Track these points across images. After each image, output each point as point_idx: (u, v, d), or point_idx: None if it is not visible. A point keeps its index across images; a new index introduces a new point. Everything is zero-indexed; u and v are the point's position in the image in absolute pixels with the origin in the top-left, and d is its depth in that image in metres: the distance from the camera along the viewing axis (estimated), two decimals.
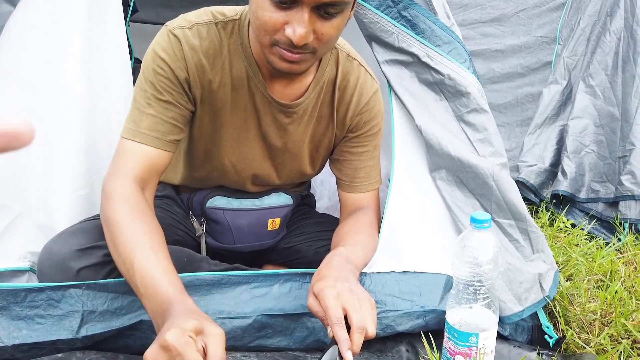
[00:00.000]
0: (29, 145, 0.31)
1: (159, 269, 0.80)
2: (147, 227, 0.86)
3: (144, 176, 0.95)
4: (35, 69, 1.11)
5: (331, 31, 0.87)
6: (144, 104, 0.96)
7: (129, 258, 0.81)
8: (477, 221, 0.90)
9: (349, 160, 1.17)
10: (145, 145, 0.95)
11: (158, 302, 0.77)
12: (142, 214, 0.88)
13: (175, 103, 0.98)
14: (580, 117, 1.97)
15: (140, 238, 0.84)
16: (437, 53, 1.15)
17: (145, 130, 0.95)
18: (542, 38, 2.40)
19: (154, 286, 0.78)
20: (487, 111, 1.14)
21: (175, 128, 0.99)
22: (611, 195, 1.79)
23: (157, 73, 0.96)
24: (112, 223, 0.86)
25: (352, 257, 0.97)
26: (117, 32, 1.27)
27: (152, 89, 0.96)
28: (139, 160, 0.94)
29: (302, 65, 0.91)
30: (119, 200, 0.88)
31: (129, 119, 0.98)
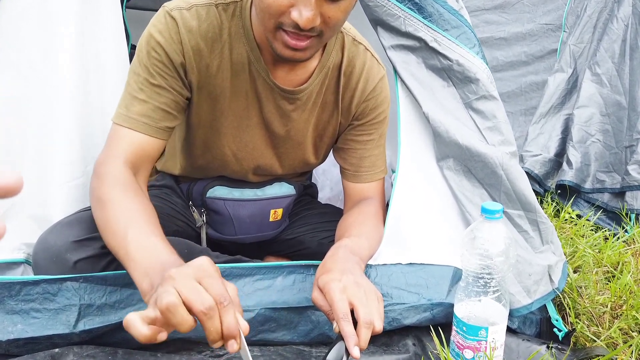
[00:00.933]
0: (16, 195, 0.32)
1: (157, 238, 0.77)
2: (140, 205, 0.83)
3: (136, 161, 0.91)
4: (28, 56, 1.07)
5: (339, 14, 0.84)
6: (136, 88, 0.93)
7: (122, 230, 0.77)
8: (489, 211, 0.87)
9: (354, 149, 1.13)
10: (135, 132, 0.92)
11: (156, 260, 0.72)
12: (134, 194, 0.85)
13: (169, 88, 0.94)
14: (586, 106, 1.94)
15: (135, 214, 0.81)
16: (445, 38, 1.11)
17: (136, 115, 0.92)
18: (547, 25, 2.35)
19: (150, 251, 0.74)
20: (496, 98, 1.11)
21: (167, 115, 0.95)
22: (617, 185, 1.77)
23: (151, 56, 0.92)
24: (105, 202, 0.83)
25: (357, 249, 0.94)
26: (113, 17, 1.23)
27: (145, 73, 0.92)
28: (129, 146, 0.91)
29: (307, 52, 0.87)
30: (111, 181, 0.85)
31: (121, 103, 0.94)
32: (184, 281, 0.62)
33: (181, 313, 0.60)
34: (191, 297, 0.61)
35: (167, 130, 0.96)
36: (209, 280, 0.63)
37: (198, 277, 0.63)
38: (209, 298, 0.61)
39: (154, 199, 1.13)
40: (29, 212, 1.03)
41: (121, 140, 0.91)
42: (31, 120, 1.08)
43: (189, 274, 0.63)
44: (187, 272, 0.64)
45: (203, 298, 0.61)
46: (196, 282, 0.63)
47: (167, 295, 0.60)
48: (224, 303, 0.62)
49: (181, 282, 0.62)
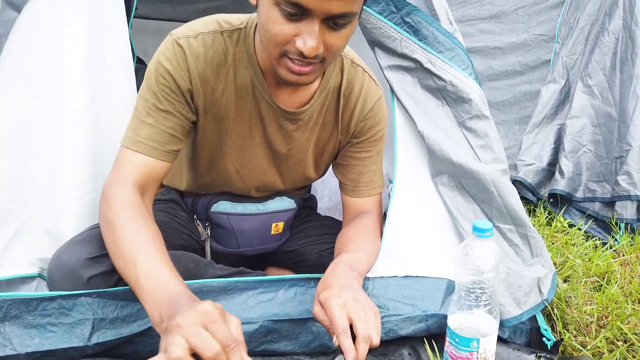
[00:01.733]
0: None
1: (165, 267, 0.81)
2: (148, 230, 0.87)
3: (143, 183, 0.96)
4: (39, 73, 1.11)
5: (340, 42, 0.88)
6: (144, 113, 0.97)
7: (131, 256, 0.82)
8: (480, 230, 0.91)
9: (352, 165, 1.18)
10: (142, 155, 0.97)
11: (164, 293, 0.76)
12: (142, 217, 0.89)
13: (176, 113, 0.99)
14: (578, 117, 1.99)
15: (143, 239, 0.85)
16: (439, 59, 1.16)
17: (144, 139, 0.97)
18: (541, 36, 2.41)
19: (159, 280, 0.78)
20: (488, 117, 1.16)
21: (173, 138, 1.00)
22: (608, 195, 1.82)
23: (159, 82, 0.97)
24: (114, 225, 0.87)
25: (355, 264, 0.99)
26: (120, 34, 1.27)
27: (153, 99, 0.97)
28: (137, 168, 0.96)
29: (310, 76, 0.91)
30: (120, 204, 0.90)
31: (130, 127, 0.99)
32: (191, 329, 0.66)
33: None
34: (199, 344, 0.64)
35: (173, 153, 1.00)
36: (214, 325, 0.66)
37: (204, 323, 0.67)
38: (215, 344, 0.65)
39: (160, 213, 1.18)
40: (42, 228, 1.07)
41: (129, 164, 0.96)
42: (42, 135, 1.11)
43: (195, 321, 0.66)
44: (193, 319, 0.67)
45: (210, 345, 0.64)
46: (202, 328, 0.66)
47: (175, 349, 0.64)
48: (231, 346, 0.65)
49: (188, 330, 0.66)
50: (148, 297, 0.77)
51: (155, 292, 0.77)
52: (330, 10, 0.80)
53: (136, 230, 0.86)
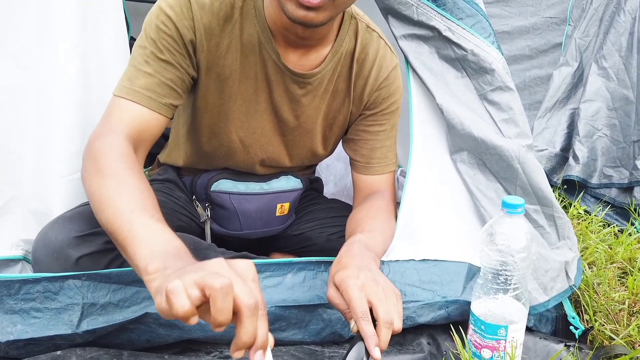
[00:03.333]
0: None
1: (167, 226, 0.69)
2: (143, 186, 0.75)
3: (136, 137, 0.86)
4: (27, 45, 1.03)
5: None
6: (142, 61, 0.89)
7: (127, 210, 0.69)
8: (510, 206, 0.83)
9: (365, 140, 1.10)
10: (139, 105, 0.87)
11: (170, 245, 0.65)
12: (138, 172, 0.77)
13: (176, 64, 0.91)
14: (592, 100, 1.92)
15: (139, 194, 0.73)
16: (459, 27, 1.08)
17: (140, 89, 0.88)
18: (552, 19, 2.33)
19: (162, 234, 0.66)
20: (512, 89, 1.07)
21: (172, 92, 0.91)
22: (625, 180, 1.75)
23: (160, 30, 0.88)
24: (106, 175, 0.74)
25: (371, 244, 0.91)
26: (114, 6, 1.19)
27: (152, 46, 0.89)
28: (132, 119, 0.86)
29: (320, 13, 0.82)
30: (112, 155, 0.78)
31: (124, 76, 0.90)
32: (233, 276, 0.56)
33: (230, 299, 0.53)
34: (241, 288, 0.54)
35: (171, 107, 0.92)
36: (253, 284, 0.58)
37: (244, 277, 0.57)
38: (257, 296, 0.55)
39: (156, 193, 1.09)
40: (27, 207, 0.99)
41: (123, 114, 0.86)
42: (29, 111, 1.03)
43: (236, 272, 0.57)
44: (235, 269, 0.58)
45: (252, 294, 0.55)
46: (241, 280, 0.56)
47: (220, 278, 0.53)
48: (264, 310, 0.57)
49: (229, 274, 0.56)
50: (144, 245, 0.64)
51: (157, 244, 0.64)
52: None
53: (132, 183, 0.74)
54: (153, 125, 0.89)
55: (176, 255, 0.63)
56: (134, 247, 0.65)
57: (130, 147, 0.81)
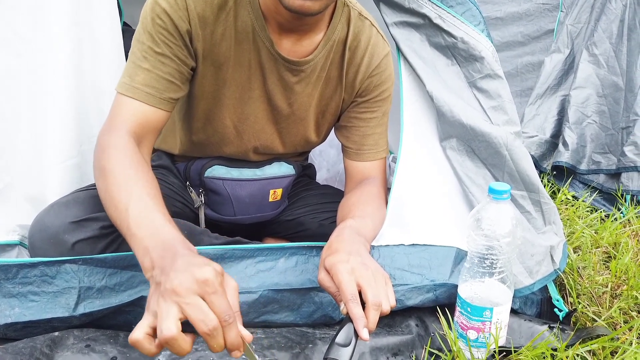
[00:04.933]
0: None
1: (158, 213, 0.75)
2: (143, 176, 0.81)
3: (140, 132, 0.90)
4: (21, 32, 1.03)
5: None
6: (140, 56, 0.91)
7: (123, 202, 0.75)
8: (496, 192, 0.86)
9: (357, 127, 1.11)
10: (139, 102, 0.90)
11: (157, 238, 0.71)
12: (138, 163, 0.82)
13: (173, 57, 0.92)
14: (582, 87, 1.93)
15: (136, 185, 0.78)
16: (449, 14, 1.09)
17: (140, 85, 0.90)
18: (544, 5, 2.33)
19: (152, 225, 0.72)
20: (501, 77, 1.09)
21: (172, 85, 0.93)
22: (613, 166, 1.77)
23: (156, 23, 0.89)
24: (106, 171, 0.80)
25: (362, 230, 0.93)
26: None
27: (149, 41, 0.90)
28: (133, 116, 0.89)
29: (316, 2, 0.84)
30: (113, 151, 0.83)
31: (125, 72, 0.92)
32: (188, 298, 0.61)
33: (180, 344, 0.61)
34: (195, 317, 0.60)
35: (172, 101, 0.94)
36: (213, 296, 0.62)
37: (202, 292, 0.62)
38: (213, 318, 0.61)
39: None
40: (23, 193, 1.00)
41: (125, 111, 0.89)
42: (24, 97, 1.04)
43: (193, 290, 0.61)
44: (191, 286, 0.62)
45: (207, 318, 0.60)
46: (200, 298, 0.61)
47: (166, 325, 0.60)
48: (228, 320, 0.61)
49: (185, 299, 0.61)
50: (139, 241, 0.70)
51: (146, 237, 0.70)
52: None
53: (129, 175, 0.79)
54: (155, 120, 0.91)
55: (162, 249, 0.68)
56: (131, 244, 0.72)
57: (132, 143, 0.85)
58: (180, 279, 0.62)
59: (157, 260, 0.67)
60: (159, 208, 0.75)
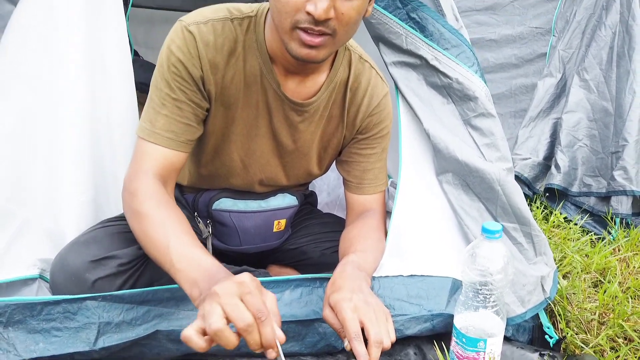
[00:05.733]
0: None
1: (198, 248, 0.84)
2: (175, 216, 0.90)
3: (163, 174, 0.98)
4: (37, 69, 1.08)
5: (352, 12, 0.87)
6: (159, 103, 0.98)
7: (164, 242, 0.84)
8: (489, 231, 0.91)
9: (357, 162, 1.17)
10: (160, 147, 0.98)
11: (202, 269, 0.80)
12: (167, 204, 0.91)
13: (189, 102, 0.99)
14: (574, 111, 2.00)
15: (172, 224, 0.88)
16: (445, 56, 1.15)
17: (160, 130, 0.97)
18: (537, 29, 2.40)
19: (194, 260, 0.82)
20: (494, 116, 1.15)
21: (189, 128, 1.00)
22: (603, 189, 1.83)
23: (172, 71, 0.96)
24: (141, 215, 0.89)
25: (363, 264, 0.99)
26: (118, 27, 1.23)
27: (166, 88, 0.97)
28: (156, 160, 0.97)
29: (321, 51, 0.90)
30: (144, 195, 0.91)
31: (145, 117, 0.99)
32: (227, 299, 0.70)
33: (227, 336, 0.68)
34: (233, 314, 0.69)
35: (190, 142, 1.01)
36: (248, 296, 0.71)
37: (240, 293, 0.71)
38: (248, 315, 0.69)
39: None
40: (42, 228, 1.05)
41: (148, 156, 0.97)
42: (41, 133, 1.09)
43: (231, 291, 0.71)
44: (230, 288, 0.71)
45: (244, 315, 0.69)
46: (238, 298, 0.70)
47: (215, 320, 0.68)
48: (262, 318, 0.69)
49: (224, 299, 0.70)
50: (184, 275, 0.80)
51: (192, 271, 0.80)
52: None
53: (164, 216, 0.88)
54: (176, 161, 0.99)
55: (209, 278, 0.78)
56: (177, 278, 0.81)
57: (158, 184, 0.93)
58: (221, 284, 0.72)
59: (204, 288, 0.76)
60: (196, 243, 0.85)
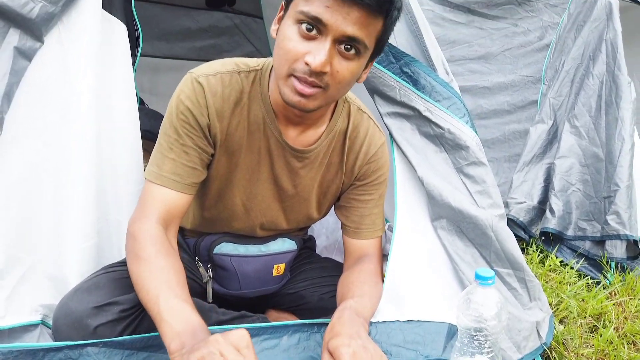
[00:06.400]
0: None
1: (187, 303, 0.87)
2: (172, 266, 0.92)
3: (167, 217, 1.01)
4: (49, 121, 1.13)
5: (346, 72, 0.93)
6: (167, 147, 1.03)
7: (155, 290, 0.87)
8: (482, 278, 0.94)
9: (355, 207, 1.21)
10: (166, 189, 1.02)
11: (187, 324, 0.82)
12: (166, 253, 0.94)
13: (196, 147, 1.04)
14: (566, 157, 2.05)
15: (167, 274, 0.90)
16: (437, 108, 1.21)
17: (167, 173, 1.02)
18: (528, 77, 2.49)
19: (182, 313, 0.84)
20: (485, 164, 1.20)
21: (195, 171, 1.05)
22: (597, 234, 1.86)
23: (180, 119, 1.02)
24: (140, 259, 0.92)
25: (360, 310, 1.01)
26: (126, 80, 1.29)
27: (175, 134, 1.02)
28: (161, 202, 1.01)
29: (311, 101, 0.95)
30: (146, 240, 0.95)
31: (153, 161, 1.04)
32: (228, 347, 0.73)
33: None
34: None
35: (194, 185, 1.06)
36: (246, 350, 0.75)
37: (238, 346, 0.74)
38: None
39: None
40: (45, 273, 1.07)
41: (154, 198, 1.01)
42: (50, 183, 1.12)
43: (231, 342, 0.74)
44: (230, 339, 0.75)
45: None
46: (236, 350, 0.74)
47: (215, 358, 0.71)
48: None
49: (225, 347, 0.73)
50: (169, 328, 0.81)
51: (177, 324, 0.82)
52: (344, 30, 0.88)
53: (161, 265, 0.91)
54: (180, 204, 1.03)
55: (192, 334, 0.79)
56: (161, 328, 0.82)
57: (161, 229, 0.97)
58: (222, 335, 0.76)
59: (187, 342, 0.79)
60: (187, 297, 0.87)
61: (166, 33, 2.71)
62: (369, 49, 0.94)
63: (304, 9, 0.88)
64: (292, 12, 0.91)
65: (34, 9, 1.05)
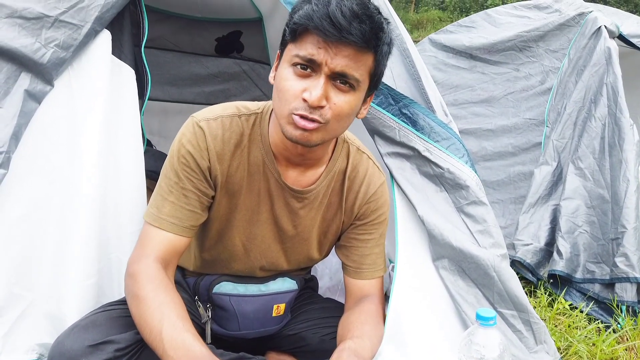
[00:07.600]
0: None
1: (189, 334, 0.88)
2: (171, 300, 0.94)
3: (165, 257, 1.03)
4: (54, 161, 1.16)
5: (343, 104, 0.95)
6: (167, 190, 1.04)
7: (157, 326, 0.88)
8: (483, 318, 0.92)
9: (355, 247, 1.20)
10: (164, 232, 1.03)
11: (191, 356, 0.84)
12: (165, 289, 0.96)
13: (195, 191, 1.05)
14: (571, 198, 2.04)
15: (167, 309, 0.92)
16: (436, 148, 1.23)
17: (166, 216, 1.03)
18: (531, 120, 2.51)
19: (184, 346, 0.86)
20: (485, 204, 1.20)
21: (193, 214, 1.06)
22: (606, 276, 1.82)
23: (181, 162, 1.04)
24: (139, 298, 0.94)
25: (360, 351, 0.99)
26: (132, 123, 1.32)
27: (175, 177, 1.04)
28: (159, 244, 1.03)
29: (313, 135, 0.96)
30: (144, 278, 0.96)
31: (152, 203, 1.05)
32: None
33: None
34: None
35: (193, 228, 1.07)
36: None
37: None
38: None
39: None
40: (43, 311, 1.07)
41: (152, 240, 1.02)
42: (53, 221, 1.14)
43: None
44: None
45: None
46: None
47: None
48: None
49: None
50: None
51: (181, 357, 0.84)
52: (335, 67, 0.92)
53: (160, 300, 0.93)
54: (178, 245, 1.05)
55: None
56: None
57: (159, 268, 0.99)
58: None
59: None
60: (188, 328, 0.89)
61: (177, 78, 2.79)
62: (363, 84, 0.97)
63: (298, 53, 0.93)
64: (287, 57, 0.96)
65: (45, 54, 1.10)
